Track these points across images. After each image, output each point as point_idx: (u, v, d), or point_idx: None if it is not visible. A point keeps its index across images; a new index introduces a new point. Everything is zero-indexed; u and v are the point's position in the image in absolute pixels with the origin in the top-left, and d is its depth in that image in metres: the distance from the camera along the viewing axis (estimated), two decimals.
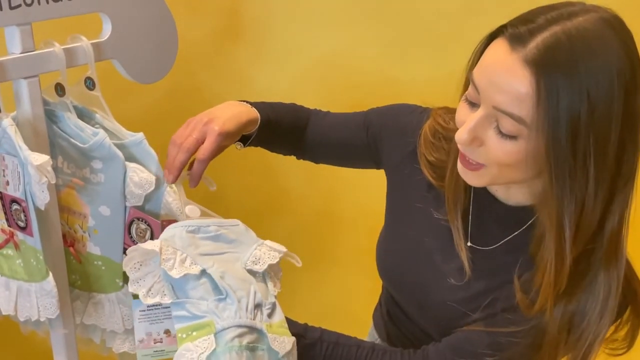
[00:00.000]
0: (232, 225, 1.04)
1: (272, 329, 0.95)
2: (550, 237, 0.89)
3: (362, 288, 1.44)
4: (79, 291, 1.15)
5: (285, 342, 0.95)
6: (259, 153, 1.63)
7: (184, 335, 0.93)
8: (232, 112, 1.06)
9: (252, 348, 0.94)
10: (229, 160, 1.61)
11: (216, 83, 1.22)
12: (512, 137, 0.86)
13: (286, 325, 0.96)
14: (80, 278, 1.14)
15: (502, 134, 0.87)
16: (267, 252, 1.01)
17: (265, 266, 1.00)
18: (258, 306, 0.95)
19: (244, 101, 1.13)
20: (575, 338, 0.93)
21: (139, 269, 0.97)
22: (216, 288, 0.96)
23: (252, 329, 0.95)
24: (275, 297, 0.99)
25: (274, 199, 1.72)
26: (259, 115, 1.11)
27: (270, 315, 0.96)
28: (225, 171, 1.62)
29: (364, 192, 1.64)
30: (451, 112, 1.04)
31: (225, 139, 1.04)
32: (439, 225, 1.06)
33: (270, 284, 1.00)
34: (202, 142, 1.03)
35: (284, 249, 1.03)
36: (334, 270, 1.75)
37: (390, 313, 1.21)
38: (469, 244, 1.03)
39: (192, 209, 1.07)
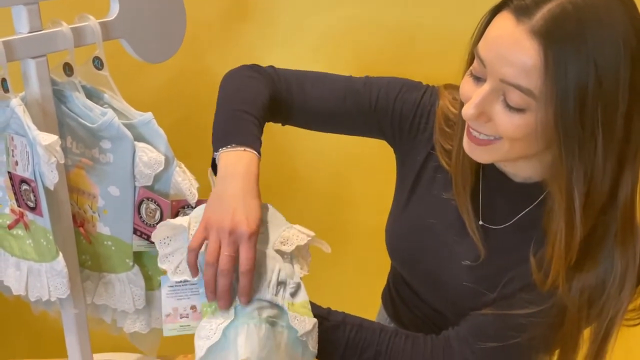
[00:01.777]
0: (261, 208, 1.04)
1: (293, 308, 0.95)
2: (559, 208, 0.89)
3: (372, 269, 1.43)
4: (89, 271, 1.15)
5: (305, 322, 0.95)
6: (264, 134, 1.63)
7: (207, 309, 0.94)
8: (246, 197, 0.94)
9: (272, 322, 0.94)
10: None
11: (225, 64, 1.20)
12: (520, 110, 0.85)
13: (309, 306, 0.96)
14: (90, 258, 1.14)
15: (510, 107, 0.86)
16: (296, 234, 1.01)
17: (293, 247, 0.99)
18: (281, 284, 0.96)
19: (230, 146, 0.99)
20: (596, 313, 0.93)
21: (168, 244, 0.98)
22: None
23: (272, 305, 0.95)
24: (301, 278, 0.99)
25: (281, 180, 1.71)
26: (258, 156, 1.00)
27: (293, 295, 0.96)
28: None
29: (374, 173, 1.63)
30: (457, 90, 1.03)
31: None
32: (449, 206, 1.05)
33: (297, 266, 1.00)
34: (237, 252, 0.92)
35: (312, 233, 1.02)
36: (342, 253, 1.74)
37: (401, 294, 1.21)
38: (480, 222, 1.02)
39: None
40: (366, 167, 1.71)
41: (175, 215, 1.10)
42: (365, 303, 1.30)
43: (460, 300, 1.04)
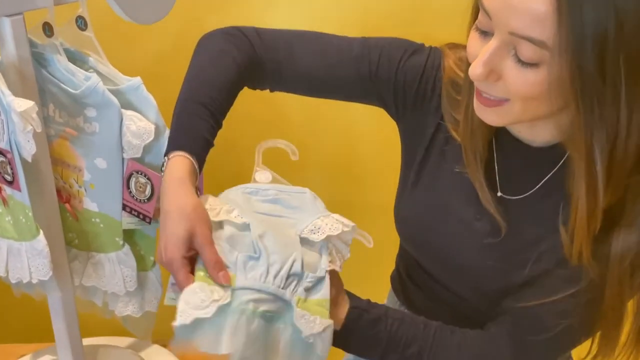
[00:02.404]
0: (297, 192, 0.97)
1: (304, 305, 0.86)
2: (580, 172, 0.81)
3: (382, 250, 1.34)
4: (76, 251, 1.06)
5: (315, 323, 0.85)
6: (270, 104, 1.54)
7: (203, 274, 0.85)
8: (168, 217, 0.86)
9: (269, 318, 0.85)
10: (238, 111, 1.51)
11: None
12: (533, 65, 0.77)
13: (327, 305, 0.86)
14: (77, 237, 1.06)
15: (521, 62, 0.77)
16: (330, 224, 0.91)
17: (323, 236, 0.90)
18: (294, 276, 0.86)
19: (172, 152, 0.91)
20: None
21: None
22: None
23: (276, 298, 0.86)
24: (327, 272, 0.89)
25: (283, 151, 1.61)
26: (192, 161, 0.91)
27: (309, 290, 0.87)
28: (235, 122, 1.51)
29: (385, 144, 1.53)
30: (462, 50, 0.94)
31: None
32: (464, 180, 0.96)
33: (325, 258, 0.90)
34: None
35: (352, 223, 0.93)
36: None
37: (414, 278, 1.11)
38: (499, 194, 0.93)
39: (262, 175, 1.00)
40: (379, 141, 1.61)
41: None
42: (374, 286, 1.22)
43: (486, 282, 0.95)
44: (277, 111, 1.56)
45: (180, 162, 0.89)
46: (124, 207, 1.01)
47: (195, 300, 0.82)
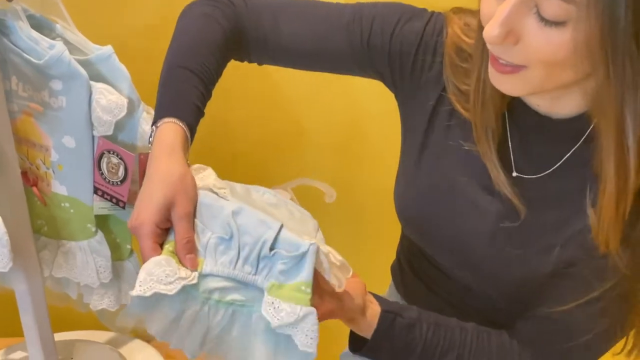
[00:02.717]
0: (305, 215, 0.86)
1: (278, 291, 0.74)
2: (608, 146, 0.72)
3: (385, 236, 1.24)
4: (46, 239, 0.97)
5: (285, 311, 0.73)
6: (265, 80, 1.44)
7: (172, 250, 0.75)
8: (150, 181, 0.77)
9: (239, 308, 0.76)
10: (231, 86, 1.41)
11: None
12: (557, 23, 0.68)
13: (308, 290, 0.74)
14: (46, 223, 0.96)
15: (544, 21, 0.68)
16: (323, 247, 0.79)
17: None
18: (266, 259, 0.75)
19: (160, 120, 0.82)
20: None
21: None
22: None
23: (247, 286, 0.76)
24: (312, 249, 0.75)
25: (284, 131, 1.52)
26: (184, 128, 0.82)
27: (286, 272, 0.74)
28: (227, 99, 1.42)
29: (390, 123, 1.44)
30: (469, 15, 0.85)
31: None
32: (473, 157, 0.86)
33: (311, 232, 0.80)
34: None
35: (343, 260, 0.80)
36: (352, 216, 1.56)
37: (417, 270, 1.01)
38: (514, 174, 0.83)
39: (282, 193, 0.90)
40: (384, 119, 1.51)
41: (143, 172, 0.91)
42: (375, 276, 1.12)
43: (504, 272, 0.85)
44: (273, 86, 1.46)
45: (170, 129, 0.80)
46: (96, 190, 0.91)
47: (159, 273, 0.72)
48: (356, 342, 0.87)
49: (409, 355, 0.85)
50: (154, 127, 0.82)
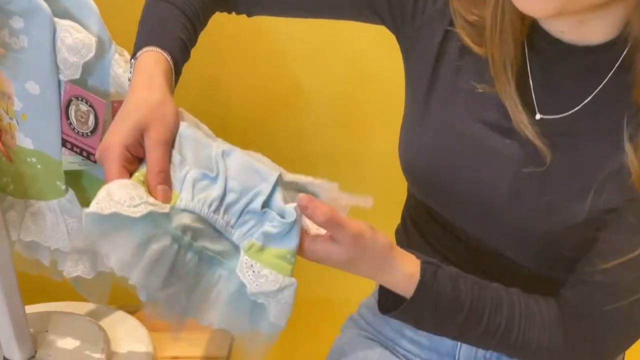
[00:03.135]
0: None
1: (258, 254, 0.66)
2: None
3: (386, 204, 1.14)
4: (12, 198, 0.88)
5: (267, 278, 0.65)
6: (259, 36, 1.34)
7: (143, 179, 0.65)
8: (124, 109, 0.68)
9: (209, 258, 0.66)
10: (223, 46, 1.32)
11: None
12: None
13: (290, 259, 0.66)
14: (12, 181, 0.87)
15: None
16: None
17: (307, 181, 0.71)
18: (252, 213, 0.66)
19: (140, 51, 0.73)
20: None
21: None
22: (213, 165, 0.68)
23: (222, 236, 0.67)
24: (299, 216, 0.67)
25: (280, 93, 1.42)
26: (171, 65, 0.74)
27: (272, 236, 0.66)
28: (219, 59, 1.32)
29: (391, 82, 1.34)
30: None
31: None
32: (486, 100, 0.76)
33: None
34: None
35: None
36: (351, 177, 1.46)
37: (425, 234, 0.91)
38: (538, 117, 0.73)
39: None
40: (385, 81, 1.41)
41: None
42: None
43: (531, 225, 0.75)
44: (268, 43, 1.36)
45: (151, 57, 0.72)
46: (64, 142, 0.82)
47: (123, 194, 0.62)
48: (387, 301, 0.75)
49: (455, 314, 0.73)
50: (132, 60, 0.73)
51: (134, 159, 0.66)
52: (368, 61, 1.37)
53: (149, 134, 0.65)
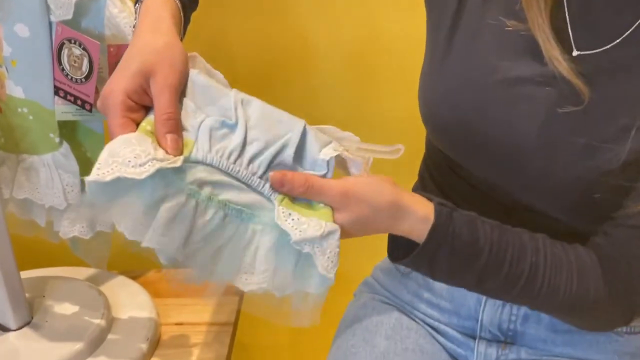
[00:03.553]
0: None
1: (293, 205, 0.61)
2: None
3: (401, 166, 1.08)
4: (3, 153, 0.83)
5: (310, 225, 0.59)
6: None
7: (150, 129, 0.60)
8: (129, 53, 0.63)
9: (236, 212, 0.60)
10: (228, 0, 1.26)
11: None
12: None
13: (328, 210, 0.61)
14: (3, 134, 0.82)
15: None
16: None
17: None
18: (282, 165, 0.61)
19: None
20: None
21: None
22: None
23: (248, 188, 0.61)
24: (330, 164, 0.63)
25: (288, 49, 1.35)
26: (180, 9, 0.69)
27: None
28: (224, 15, 1.26)
29: (407, 38, 1.27)
30: None
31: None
32: (518, 36, 0.70)
33: (330, 146, 0.64)
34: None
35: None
36: (365, 137, 1.40)
37: (445, 189, 0.85)
38: (574, 53, 0.67)
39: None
40: (402, 34, 1.35)
41: (114, 67, 0.75)
42: None
43: (567, 170, 0.69)
44: (280, 12, 1.30)
45: (159, 1, 0.66)
46: (57, 90, 0.76)
47: (127, 153, 0.56)
48: (398, 249, 0.70)
49: (473, 260, 0.67)
50: (137, 5, 0.68)
51: (138, 108, 0.61)
52: (381, 15, 1.30)
53: (155, 78, 0.60)
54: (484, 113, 0.72)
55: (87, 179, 0.56)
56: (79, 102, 0.75)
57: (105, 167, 0.56)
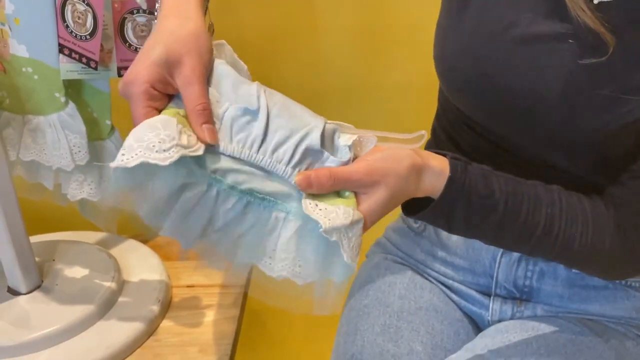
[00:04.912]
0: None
1: (318, 194, 0.60)
2: None
3: (413, 128, 1.07)
4: (8, 114, 0.81)
5: (338, 213, 0.58)
6: None
7: (180, 112, 0.60)
8: (156, 37, 0.61)
9: (259, 200, 0.59)
10: None
11: None
12: None
13: (352, 197, 0.60)
14: (8, 95, 0.80)
15: None
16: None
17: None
18: (307, 152, 0.60)
19: None
20: None
21: None
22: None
23: (273, 176, 0.60)
24: (351, 152, 0.62)
25: (294, 21, 1.33)
26: None
27: None
28: None
29: (415, 6, 1.25)
30: None
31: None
32: None
33: (345, 137, 0.63)
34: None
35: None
36: (369, 111, 1.38)
37: (461, 144, 0.83)
38: (596, 0, 0.64)
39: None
40: (403, 10, 1.32)
41: (119, 24, 0.74)
42: None
43: (590, 123, 0.67)
44: None
45: None
46: (61, 48, 0.74)
47: (151, 137, 0.55)
48: (413, 203, 0.68)
49: (489, 212, 0.66)
50: None
51: (162, 96, 0.60)
52: None
53: (182, 68, 0.59)
54: (504, 66, 0.69)
55: (112, 164, 0.55)
56: (84, 59, 0.74)
57: (130, 153, 0.55)
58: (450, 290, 0.86)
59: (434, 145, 0.90)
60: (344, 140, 0.62)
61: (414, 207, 0.67)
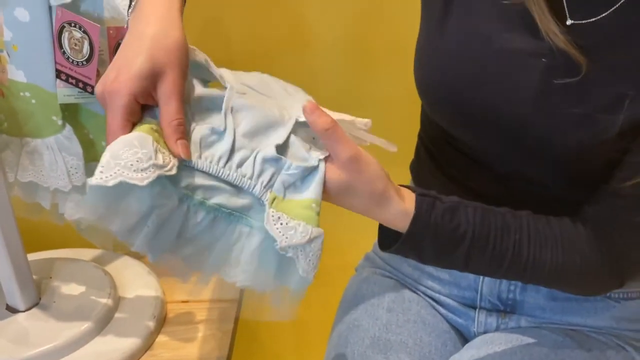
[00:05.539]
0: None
1: (282, 205, 0.62)
2: None
3: (398, 140, 1.09)
4: (7, 137, 0.83)
5: (296, 230, 0.61)
6: None
7: (155, 127, 0.61)
8: (135, 41, 0.62)
9: (225, 215, 0.62)
10: None
11: None
12: None
13: (317, 209, 0.62)
14: (6, 119, 0.82)
15: None
16: (338, 115, 0.69)
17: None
18: (269, 162, 0.63)
19: None
20: None
21: None
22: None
23: (240, 191, 0.63)
24: (323, 162, 0.64)
25: (284, 33, 1.36)
26: None
27: (291, 186, 0.63)
28: None
29: (403, 21, 1.28)
30: None
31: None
32: (513, 11, 0.71)
33: (320, 142, 0.66)
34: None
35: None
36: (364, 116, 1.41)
37: (442, 162, 0.86)
38: (569, 22, 0.68)
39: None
40: (392, 24, 1.35)
41: (114, 49, 0.76)
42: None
43: (558, 140, 0.70)
44: None
45: None
46: (58, 74, 0.77)
47: (129, 156, 0.57)
48: (386, 237, 0.72)
49: (457, 244, 0.69)
50: None
51: (139, 109, 0.62)
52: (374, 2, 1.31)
53: (164, 81, 0.60)
54: (481, 83, 0.72)
55: (90, 182, 0.56)
56: (80, 84, 0.76)
57: (108, 171, 0.56)
58: (437, 303, 0.88)
59: (415, 162, 0.93)
60: (314, 157, 0.64)
61: (388, 241, 0.70)
